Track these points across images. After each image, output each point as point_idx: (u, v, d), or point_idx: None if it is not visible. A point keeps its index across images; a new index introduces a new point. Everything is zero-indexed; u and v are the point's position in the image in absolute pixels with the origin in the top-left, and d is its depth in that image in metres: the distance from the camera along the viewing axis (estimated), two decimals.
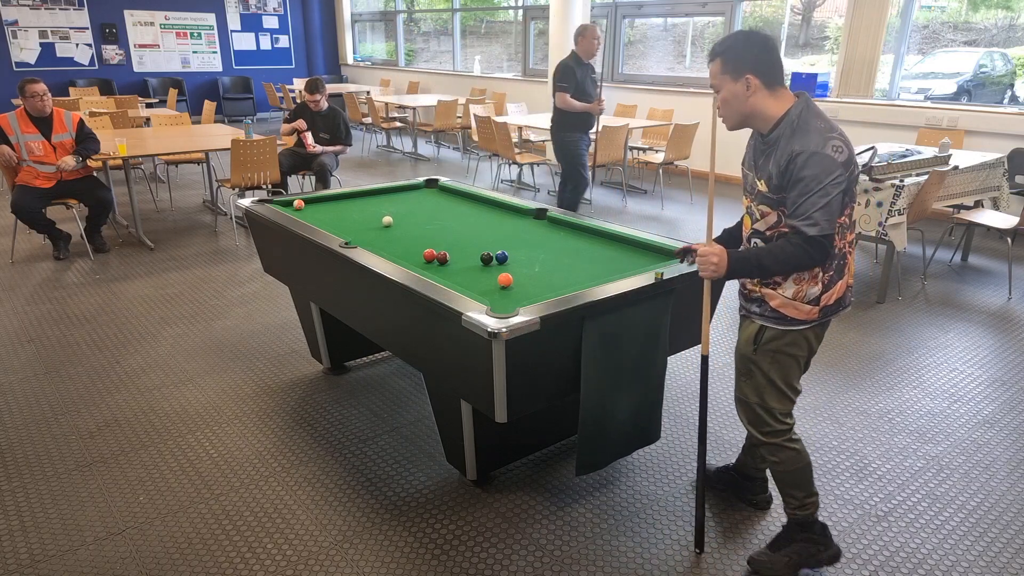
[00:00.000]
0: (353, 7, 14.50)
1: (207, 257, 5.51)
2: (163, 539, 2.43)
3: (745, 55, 2.02)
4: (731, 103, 2.07)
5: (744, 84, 2.03)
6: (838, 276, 2.11)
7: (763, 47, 2.03)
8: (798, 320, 2.11)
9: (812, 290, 2.08)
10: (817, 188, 1.93)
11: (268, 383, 3.53)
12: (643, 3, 9.24)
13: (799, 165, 1.95)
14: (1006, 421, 3.21)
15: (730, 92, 2.06)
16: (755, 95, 2.03)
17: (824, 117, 2.02)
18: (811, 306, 2.10)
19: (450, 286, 2.36)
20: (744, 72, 2.02)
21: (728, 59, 2.04)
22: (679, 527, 2.51)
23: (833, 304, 2.13)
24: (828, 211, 1.94)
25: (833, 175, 1.93)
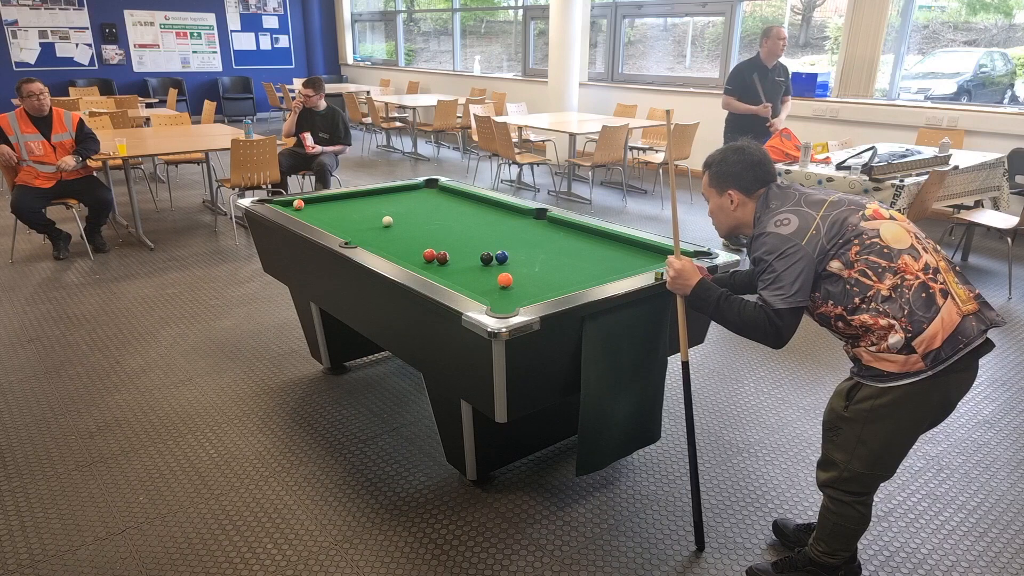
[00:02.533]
0: (353, 7, 14.50)
1: (207, 257, 5.51)
2: (163, 539, 2.43)
3: (729, 171, 2.07)
4: (718, 215, 2.14)
5: (728, 199, 2.09)
6: (926, 312, 1.79)
7: (748, 165, 2.05)
8: (901, 374, 1.83)
9: (893, 340, 1.81)
10: (765, 267, 1.93)
11: (268, 383, 3.53)
12: (643, 3, 9.24)
13: (754, 248, 1.99)
14: (1006, 421, 3.21)
15: (716, 205, 2.13)
16: (739, 208, 2.09)
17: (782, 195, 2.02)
18: (907, 355, 1.81)
19: (450, 286, 2.36)
20: (727, 187, 2.08)
21: (714, 173, 2.11)
22: (679, 527, 2.51)
23: (943, 346, 1.79)
24: (779, 288, 1.88)
25: (780, 249, 1.90)
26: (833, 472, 2.03)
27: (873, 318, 1.83)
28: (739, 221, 2.10)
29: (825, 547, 2.13)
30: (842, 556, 2.13)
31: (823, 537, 2.12)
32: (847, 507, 2.03)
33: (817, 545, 2.15)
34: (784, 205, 1.97)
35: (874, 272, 1.82)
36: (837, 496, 2.04)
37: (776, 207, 1.99)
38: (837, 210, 1.91)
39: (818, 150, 5.17)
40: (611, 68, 9.67)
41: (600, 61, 9.89)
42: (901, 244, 1.85)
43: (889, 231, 1.87)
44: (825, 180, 4.64)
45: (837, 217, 1.89)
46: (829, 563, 2.15)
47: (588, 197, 7.56)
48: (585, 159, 7.23)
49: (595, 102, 9.57)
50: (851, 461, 1.98)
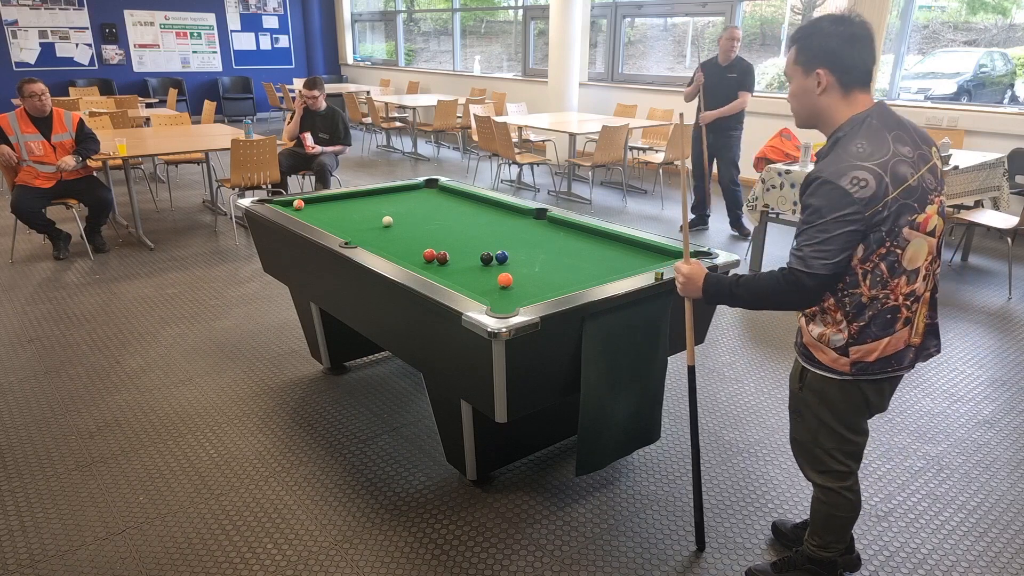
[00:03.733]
0: (353, 7, 14.50)
1: (207, 257, 5.51)
2: (163, 539, 2.43)
3: (823, 45, 1.75)
4: (800, 98, 1.83)
5: (815, 81, 1.78)
6: (880, 331, 1.80)
7: (847, 39, 1.73)
8: (829, 368, 1.88)
9: (835, 337, 1.84)
10: (817, 221, 1.71)
11: (268, 383, 3.53)
12: (643, 3, 9.24)
13: (810, 191, 1.73)
14: (1006, 421, 3.21)
15: (799, 87, 1.82)
16: (826, 94, 1.78)
17: (877, 139, 1.72)
18: (839, 355, 1.85)
19: (450, 286, 2.36)
20: (816, 66, 1.77)
21: (803, 46, 1.79)
22: (679, 527, 2.51)
23: (874, 363, 1.83)
24: (821, 248, 1.70)
25: (839, 211, 1.67)
26: (806, 453, 2.06)
27: (837, 307, 1.82)
28: (821, 111, 1.80)
29: (819, 540, 2.13)
30: (836, 549, 2.13)
31: (816, 530, 2.13)
32: (835, 495, 2.03)
33: (812, 540, 2.15)
34: (872, 158, 1.69)
35: (872, 278, 1.77)
36: (821, 491, 2.06)
37: (862, 153, 1.69)
38: (906, 199, 1.71)
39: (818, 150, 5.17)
40: (611, 68, 9.67)
41: (600, 61, 9.89)
42: (912, 265, 1.78)
43: (914, 249, 1.76)
44: None
45: (900, 210, 1.71)
46: (825, 557, 2.14)
47: (588, 197, 7.56)
48: (585, 159, 7.23)
49: (595, 102, 9.57)
50: (817, 437, 2.00)
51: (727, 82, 5.67)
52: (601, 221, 3.22)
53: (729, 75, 5.67)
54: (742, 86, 5.71)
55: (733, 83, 5.69)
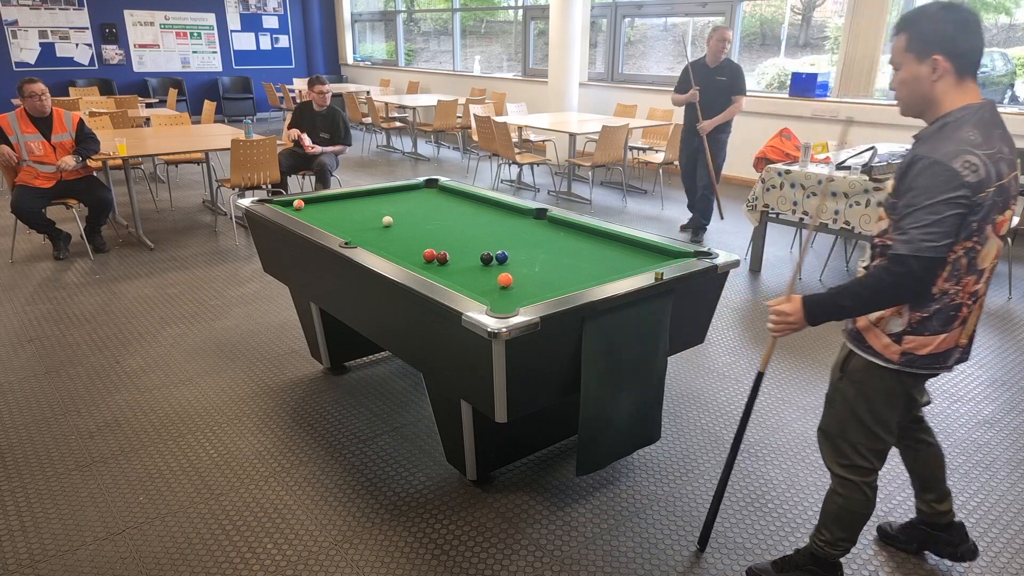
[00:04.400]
0: (353, 7, 14.50)
1: (207, 257, 5.51)
2: (163, 539, 2.43)
3: (940, 30, 1.71)
4: (910, 85, 1.78)
5: (930, 67, 1.73)
6: (939, 326, 1.80)
7: (962, 24, 1.71)
8: (879, 353, 1.87)
9: (894, 322, 1.83)
10: (926, 202, 1.65)
11: (268, 383, 3.53)
12: (643, 3, 9.24)
13: (915, 172, 1.69)
14: (1006, 421, 3.21)
15: (911, 74, 1.76)
16: (941, 81, 1.74)
17: (987, 132, 1.71)
18: (892, 342, 1.84)
19: (450, 286, 2.36)
20: (932, 52, 1.72)
21: (916, 33, 1.74)
22: (679, 527, 2.51)
23: (924, 357, 1.82)
24: (931, 231, 1.66)
25: (949, 193, 1.64)
26: (832, 444, 2.04)
27: None
28: (934, 99, 1.76)
29: (829, 536, 2.09)
30: (843, 548, 2.10)
31: (827, 524, 2.09)
32: (855, 488, 2.01)
33: (820, 535, 2.11)
34: (982, 148, 1.68)
35: (951, 270, 1.75)
36: (839, 482, 2.04)
37: (974, 140, 1.68)
38: (997, 197, 1.72)
39: (818, 150, 5.17)
40: (611, 68, 9.67)
41: (600, 61, 9.89)
42: (982, 264, 1.79)
43: (987, 248, 1.78)
44: (825, 180, 4.64)
45: (992, 206, 1.72)
46: (831, 555, 2.10)
47: (588, 197, 7.56)
48: (585, 159, 7.23)
49: (595, 102, 9.57)
50: (845, 429, 1.99)
51: (716, 85, 5.56)
52: (601, 221, 3.22)
53: (719, 78, 5.55)
54: (735, 90, 5.62)
55: (723, 86, 5.57)
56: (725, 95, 5.60)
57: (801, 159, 4.99)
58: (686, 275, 2.52)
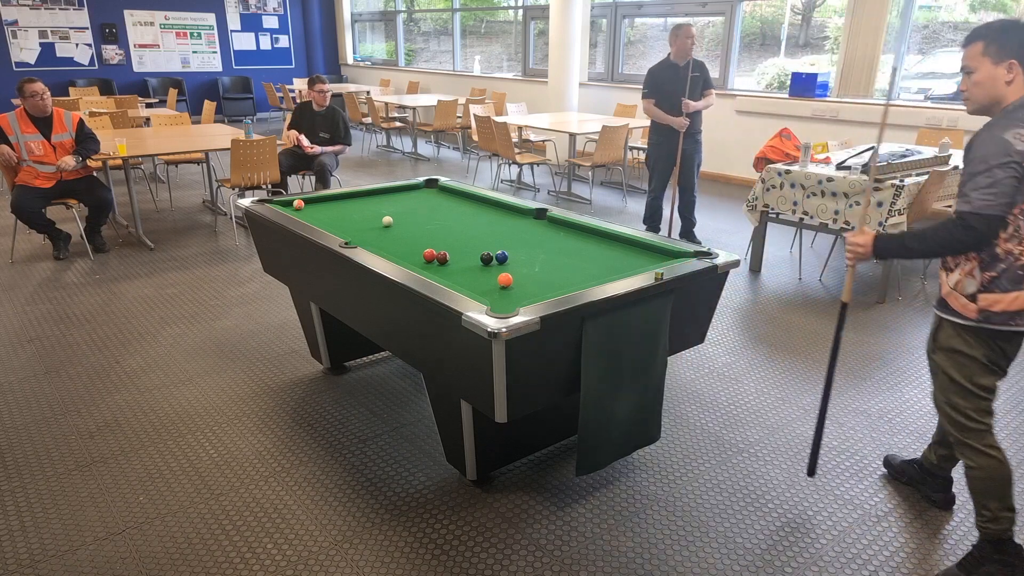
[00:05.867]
0: (353, 7, 14.50)
1: (207, 257, 5.51)
2: (163, 539, 2.43)
3: (1015, 40, 2.02)
4: (984, 85, 2.06)
5: (1006, 69, 2.03)
6: (1010, 285, 2.03)
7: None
8: (960, 314, 2.12)
9: (969, 283, 2.09)
10: (983, 168, 1.96)
11: (268, 383, 3.53)
12: (643, 3, 9.24)
13: (974, 144, 2.01)
14: (1006, 421, 3.21)
15: (987, 75, 2.05)
16: (1015, 83, 2.03)
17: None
18: (968, 301, 2.10)
19: (450, 286, 2.36)
20: (1009, 57, 2.02)
21: (996, 40, 2.03)
22: (679, 527, 2.51)
23: (999, 313, 2.06)
24: (988, 192, 1.94)
25: (1003, 158, 1.94)
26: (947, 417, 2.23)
27: (975, 256, 2.07)
28: (1002, 98, 2.05)
29: (989, 513, 2.19)
30: (1008, 519, 2.18)
31: (977, 502, 2.21)
32: (976, 454, 2.17)
33: (981, 517, 2.22)
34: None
35: (1011, 232, 2.00)
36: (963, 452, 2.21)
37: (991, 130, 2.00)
38: None
39: (818, 150, 5.17)
40: (611, 68, 9.67)
41: (600, 61, 9.89)
42: None
43: None
44: (825, 180, 4.64)
45: None
46: (997, 531, 2.19)
47: (588, 197, 7.56)
48: (585, 159, 7.23)
49: (595, 102, 9.57)
50: (948, 395, 2.21)
51: (692, 82, 5.39)
52: (601, 221, 3.22)
53: (693, 74, 5.39)
54: (708, 84, 5.56)
55: (697, 82, 5.45)
56: (698, 91, 5.51)
57: (801, 159, 4.99)
58: (686, 275, 2.52)
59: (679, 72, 5.40)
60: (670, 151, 5.51)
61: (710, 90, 5.58)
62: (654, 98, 5.49)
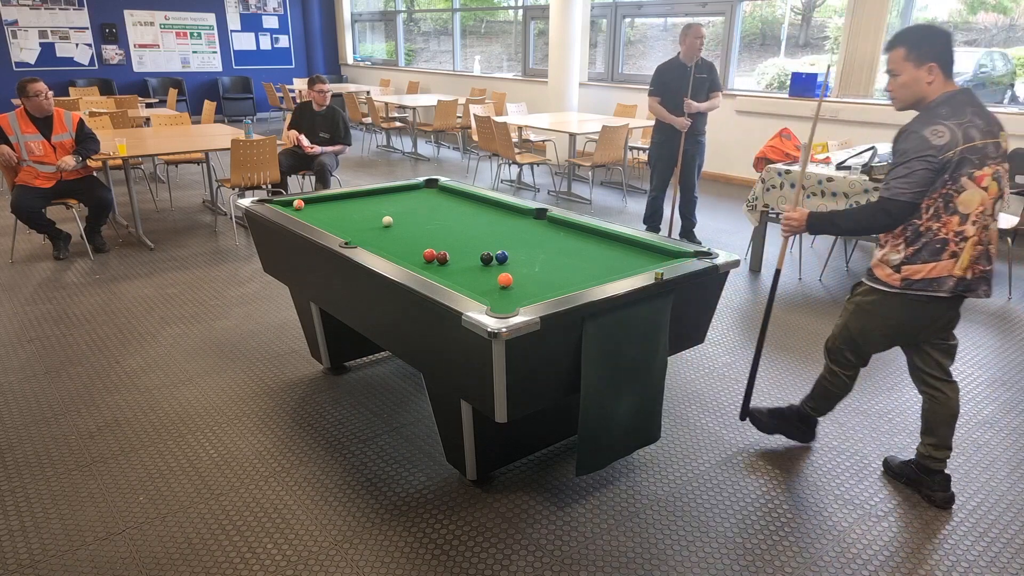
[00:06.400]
0: (353, 7, 14.50)
1: (207, 257, 5.51)
2: (163, 539, 2.43)
3: (936, 45, 2.29)
4: (910, 87, 2.34)
5: (927, 71, 2.29)
6: (928, 256, 2.33)
7: (947, 43, 2.30)
8: (885, 283, 2.43)
9: (893, 256, 2.40)
10: (903, 160, 2.26)
11: (268, 383, 3.53)
12: (643, 3, 9.24)
13: (900, 138, 2.31)
14: (1006, 421, 3.21)
15: (912, 77, 2.32)
16: (934, 84, 2.31)
17: (959, 109, 2.26)
18: (893, 271, 2.40)
19: (450, 286, 2.36)
20: (929, 60, 2.29)
21: (915, 46, 2.30)
22: (679, 527, 2.51)
23: (918, 280, 2.36)
24: (904, 181, 2.26)
25: (920, 153, 2.22)
26: (829, 340, 2.71)
27: (901, 233, 2.38)
28: (925, 96, 2.32)
29: (812, 402, 2.85)
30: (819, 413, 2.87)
31: (814, 396, 2.84)
32: (837, 376, 2.72)
33: (809, 401, 2.87)
34: (950, 119, 2.25)
35: (932, 211, 2.30)
36: (828, 368, 2.74)
37: (944, 114, 2.26)
38: (969, 155, 2.24)
39: (818, 150, 5.17)
40: (611, 68, 9.67)
41: (600, 61, 9.89)
42: (964, 209, 2.29)
43: (968, 196, 2.27)
44: (825, 180, 4.64)
45: (963, 162, 2.24)
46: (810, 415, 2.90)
47: (588, 197, 7.57)
48: (585, 159, 7.23)
49: (595, 102, 9.57)
50: (838, 337, 2.67)
51: (697, 82, 5.39)
52: (601, 221, 3.22)
53: (698, 75, 5.40)
54: (715, 86, 5.53)
55: (702, 83, 5.44)
56: (704, 92, 5.48)
57: (801, 159, 4.98)
58: (686, 275, 2.52)
59: (686, 72, 5.37)
60: (671, 151, 5.50)
61: (716, 92, 5.56)
62: (659, 96, 5.49)
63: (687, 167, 5.57)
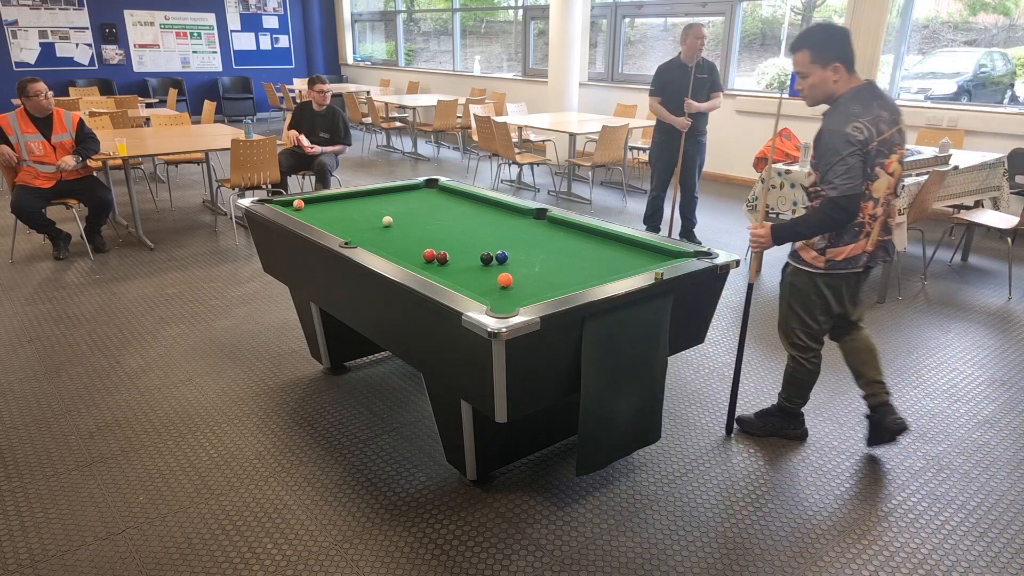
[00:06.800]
0: (353, 7, 14.50)
1: (207, 257, 5.51)
2: (163, 539, 2.43)
3: (836, 46, 2.47)
4: (819, 87, 2.53)
5: (832, 71, 2.49)
6: (848, 238, 2.57)
7: (846, 41, 2.48)
8: (809, 264, 2.66)
9: (819, 240, 2.62)
10: (837, 159, 2.42)
11: (268, 383, 3.53)
12: (643, 3, 9.24)
13: (823, 140, 2.47)
14: (1006, 421, 3.21)
15: (820, 78, 2.51)
16: (839, 82, 2.50)
17: (867, 104, 2.45)
18: (818, 254, 2.63)
19: (450, 286, 2.36)
20: (834, 61, 2.48)
21: (818, 49, 2.48)
22: (679, 527, 2.51)
23: (841, 261, 2.61)
24: (847, 176, 2.42)
25: (850, 148, 2.41)
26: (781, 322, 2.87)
27: None
28: (833, 93, 2.52)
29: (786, 394, 2.97)
30: (797, 403, 2.97)
31: (788, 390, 2.96)
32: (800, 364, 2.86)
33: (782, 394, 3.00)
34: (863, 116, 2.43)
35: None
36: (791, 358, 2.88)
37: (857, 112, 2.43)
38: (881, 147, 2.47)
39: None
40: (611, 68, 9.67)
41: (600, 61, 9.89)
42: (876, 194, 2.54)
43: (880, 182, 2.53)
44: None
45: (877, 154, 2.47)
46: (789, 408, 2.99)
47: (588, 197, 7.57)
48: (585, 159, 7.23)
49: (595, 102, 9.57)
50: (787, 319, 2.84)
51: (697, 82, 5.39)
52: (601, 221, 3.22)
53: (699, 75, 5.39)
54: (716, 86, 5.51)
55: (703, 83, 5.43)
56: (704, 92, 5.47)
57: (801, 159, 4.99)
58: (686, 275, 2.52)
59: (687, 72, 5.37)
60: (672, 151, 5.50)
61: (717, 92, 5.54)
62: (660, 96, 5.49)
63: (687, 167, 5.57)
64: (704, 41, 5.34)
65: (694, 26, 5.34)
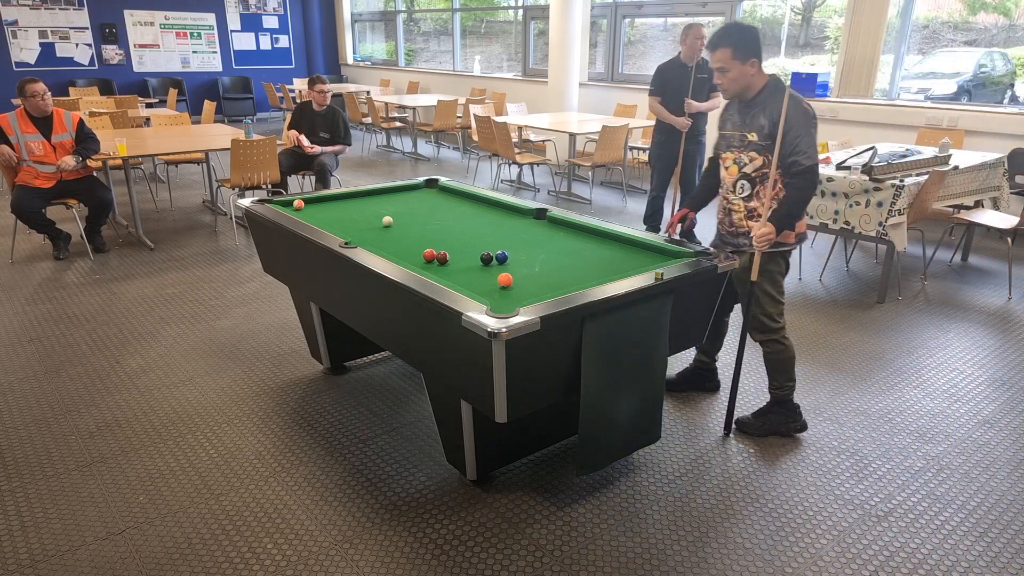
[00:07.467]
0: (353, 7, 14.49)
1: (207, 257, 5.51)
2: (163, 539, 2.43)
3: (752, 44, 2.71)
4: (738, 80, 2.76)
5: (751, 66, 2.73)
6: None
7: (757, 39, 2.74)
8: (783, 243, 2.82)
9: None
10: (804, 133, 2.67)
11: (268, 383, 3.53)
12: (643, 3, 9.24)
13: (790, 120, 2.65)
14: (1006, 421, 3.21)
15: (739, 72, 2.74)
16: (756, 76, 2.75)
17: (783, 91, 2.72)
18: (791, 231, 2.81)
19: (450, 286, 2.36)
20: (751, 57, 2.72)
21: (739, 47, 2.70)
22: (679, 527, 2.51)
23: (801, 233, 2.90)
24: (813, 147, 2.69)
25: (811, 121, 2.70)
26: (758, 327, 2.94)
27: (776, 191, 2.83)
28: (751, 86, 2.77)
29: (777, 382, 3.02)
30: (789, 388, 3.02)
31: (771, 376, 3.02)
32: (776, 344, 2.94)
33: (772, 385, 3.03)
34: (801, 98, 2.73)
35: None
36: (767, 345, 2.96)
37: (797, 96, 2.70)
38: None
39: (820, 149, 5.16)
40: (611, 68, 9.67)
41: (600, 61, 9.88)
42: None
43: None
44: (825, 180, 4.63)
45: None
46: (783, 396, 3.03)
47: (588, 197, 7.56)
48: (585, 159, 7.23)
49: (595, 102, 9.57)
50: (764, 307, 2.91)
51: (698, 82, 5.37)
52: (601, 221, 3.22)
53: (699, 75, 5.38)
54: (716, 87, 5.51)
55: (703, 83, 5.42)
56: (704, 92, 5.46)
57: None
58: (686, 275, 2.52)
59: (687, 72, 5.36)
60: (672, 151, 5.50)
61: (717, 92, 5.51)
62: (660, 96, 5.49)
63: (688, 167, 5.57)
64: (704, 41, 5.33)
65: (694, 26, 5.35)
